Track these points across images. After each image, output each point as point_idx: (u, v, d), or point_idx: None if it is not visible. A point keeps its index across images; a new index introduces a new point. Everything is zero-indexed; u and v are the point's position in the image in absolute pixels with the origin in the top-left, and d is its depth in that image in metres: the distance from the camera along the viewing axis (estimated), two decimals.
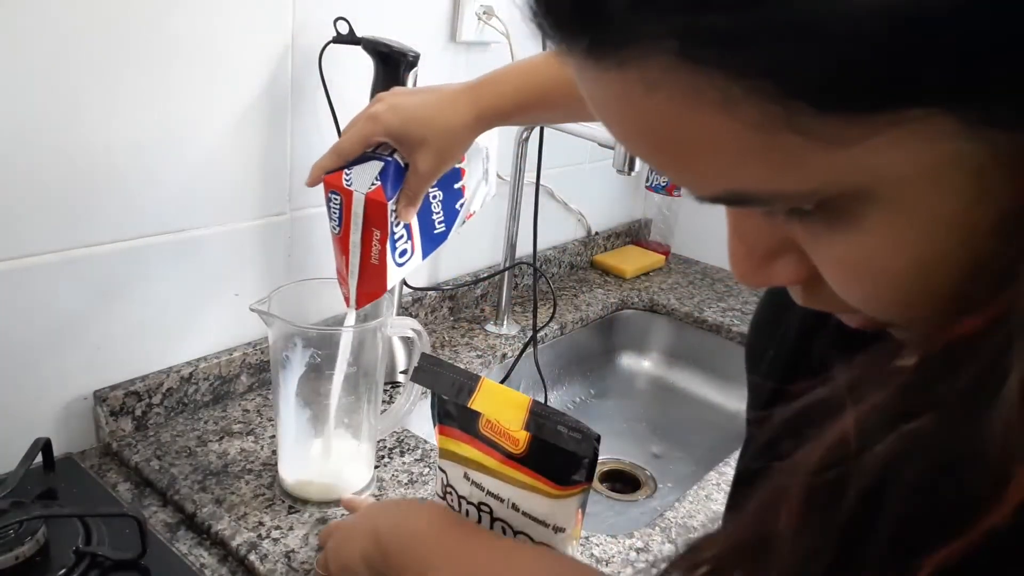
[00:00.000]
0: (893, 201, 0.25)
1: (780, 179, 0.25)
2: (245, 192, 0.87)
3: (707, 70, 0.23)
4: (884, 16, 0.21)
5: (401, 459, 0.84)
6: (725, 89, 0.23)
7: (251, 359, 0.91)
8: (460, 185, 0.78)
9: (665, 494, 1.11)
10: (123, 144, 0.75)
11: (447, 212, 0.77)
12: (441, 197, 0.76)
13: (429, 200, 0.75)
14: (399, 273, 0.73)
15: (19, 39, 0.65)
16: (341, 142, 0.71)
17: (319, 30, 0.86)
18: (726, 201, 0.27)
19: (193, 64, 0.77)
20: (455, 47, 1.06)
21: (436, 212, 0.76)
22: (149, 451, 0.79)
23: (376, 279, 0.71)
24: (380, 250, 0.70)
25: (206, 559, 0.68)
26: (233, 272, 0.89)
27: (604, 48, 0.24)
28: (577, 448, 0.53)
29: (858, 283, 0.28)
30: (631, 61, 0.24)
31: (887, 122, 0.23)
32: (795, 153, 0.24)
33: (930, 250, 0.26)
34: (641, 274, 1.48)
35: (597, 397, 1.32)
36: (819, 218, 0.27)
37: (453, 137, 0.69)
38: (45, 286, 0.73)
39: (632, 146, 0.28)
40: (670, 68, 0.23)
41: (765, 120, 0.23)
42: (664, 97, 0.24)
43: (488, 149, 0.81)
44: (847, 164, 0.24)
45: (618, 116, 0.27)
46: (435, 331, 1.15)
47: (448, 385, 0.58)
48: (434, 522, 0.57)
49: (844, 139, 0.23)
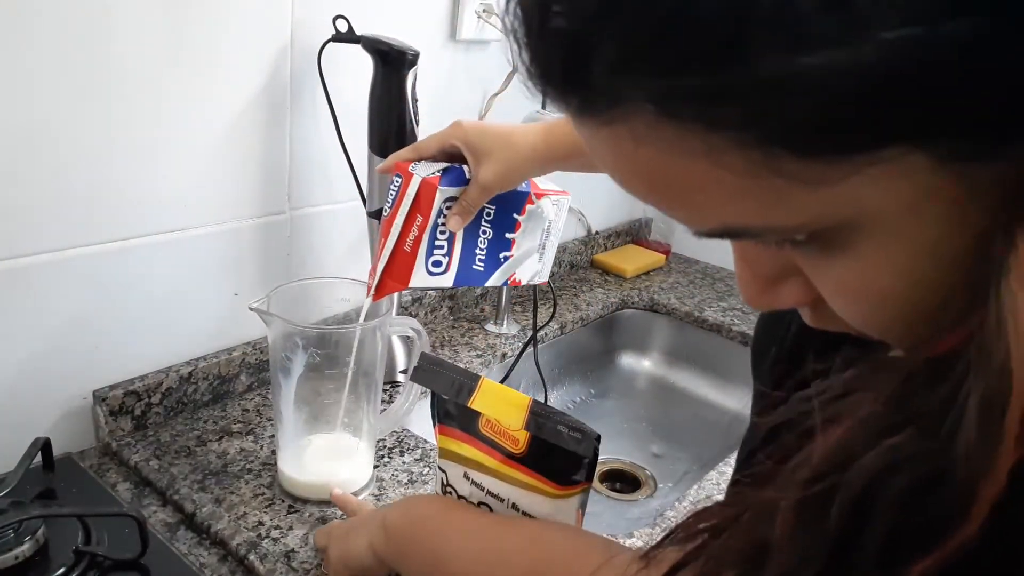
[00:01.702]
0: (880, 230, 0.26)
1: (769, 215, 0.27)
2: (244, 191, 0.87)
3: (688, 124, 0.24)
4: (850, 71, 0.22)
5: (401, 459, 0.84)
6: (707, 140, 0.24)
7: (250, 359, 0.91)
8: (511, 237, 0.77)
9: (665, 494, 1.11)
10: (122, 143, 0.74)
11: (490, 256, 0.76)
12: (490, 236, 0.75)
13: (478, 233, 0.75)
14: (424, 280, 0.72)
15: (19, 39, 0.65)
16: (421, 140, 0.75)
17: (318, 28, 0.86)
18: (720, 235, 0.29)
19: (192, 62, 0.77)
20: (455, 45, 1.06)
21: (480, 249, 0.75)
22: (148, 451, 0.79)
23: (402, 269, 0.71)
24: (416, 238, 0.70)
25: (206, 559, 0.67)
26: (232, 272, 0.88)
27: (592, 108, 0.27)
28: (577, 448, 0.53)
29: (857, 305, 0.29)
30: (618, 119, 0.26)
31: (864, 162, 0.24)
32: (781, 193, 0.25)
33: (922, 272, 0.27)
34: (641, 273, 1.48)
35: (597, 397, 1.32)
36: (813, 247, 0.28)
37: (520, 156, 0.72)
38: (44, 286, 0.73)
39: (628, 188, 0.29)
40: (653, 124, 0.25)
41: (749, 166, 0.25)
42: (652, 149, 0.26)
43: (552, 225, 0.80)
44: (831, 201, 0.25)
45: (613, 164, 0.29)
46: (435, 330, 1.15)
47: (448, 385, 0.58)
48: (440, 506, 0.58)
49: (826, 179, 0.25)
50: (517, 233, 0.77)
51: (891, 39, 0.22)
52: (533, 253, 0.79)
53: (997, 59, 0.22)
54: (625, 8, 0.24)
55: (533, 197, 0.77)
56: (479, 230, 0.75)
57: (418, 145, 0.75)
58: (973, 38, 0.22)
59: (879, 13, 0.22)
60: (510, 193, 0.75)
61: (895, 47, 0.22)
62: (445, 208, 0.71)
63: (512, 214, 0.76)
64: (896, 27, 0.22)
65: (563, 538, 0.53)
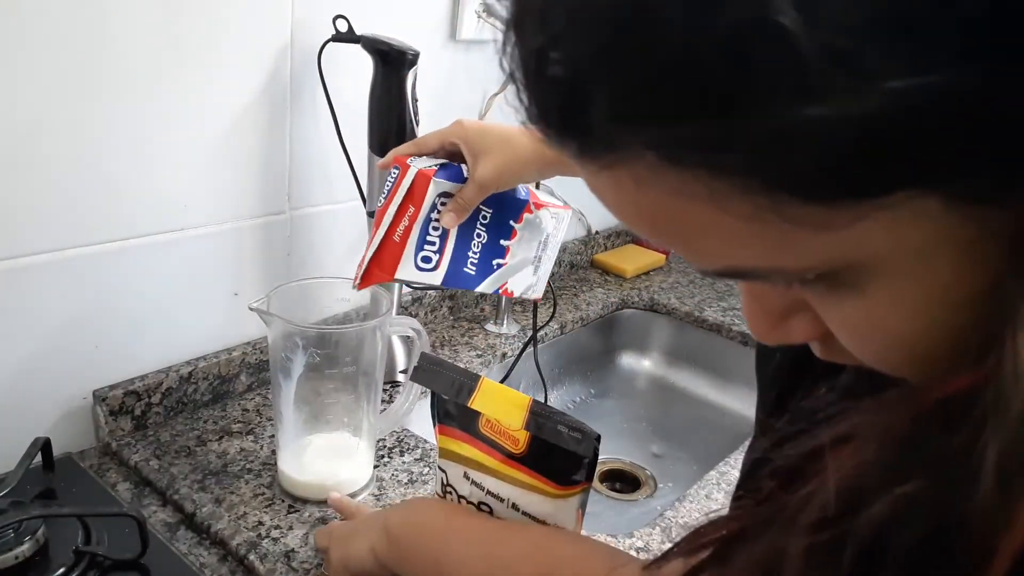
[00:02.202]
0: (890, 272, 0.26)
1: (776, 258, 0.26)
2: (244, 191, 0.87)
3: (691, 170, 0.24)
4: (856, 120, 0.22)
5: (401, 458, 0.84)
6: (710, 185, 0.24)
7: (250, 358, 0.91)
8: (506, 244, 0.76)
9: (665, 494, 1.11)
10: (122, 143, 0.74)
11: (482, 260, 0.75)
12: (484, 240, 0.75)
13: (472, 235, 0.74)
14: (412, 274, 0.72)
15: (19, 39, 0.65)
16: (422, 136, 0.76)
17: (318, 28, 0.86)
18: (727, 276, 0.29)
19: (192, 62, 0.77)
20: (455, 45, 1.06)
21: (473, 252, 0.74)
22: (148, 451, 0.79)
23: (389, 259, 0.71)
24: (407, 228, 0.70)
25: (206, 559, 0.67)
26: (232, 271, 0.88)
27: (592, 152, 0.26)
28: (577, 448, 0.53)
29: (866, 344, 0.29)
30: (618, 163, 0.26)
31: (872, 207, 0.24)
32: (788, 237, 0.25)
33: (932, 315, 0.27)
34: (641, 273, 1.48)
35: (597, 397, 1.32)
36: (822, 285, 0.28)
37: (519, 157, 0.71)
38: (44, 286, 0.73)
39: (632, 228, 0.29)
40: (655, 169, 0.25)
41: (754, 210, 0.24)
42: (654, 193, 0.26)
43: (549, 238, 0.79)
44: (839, 245, 0.25)
45: (615, 206, 0.29)
46: (435, 330, 1.15)
47: (448, 384, 0.58)
48: (443, 510, 0.58)
49: (834, 224, 0.24)
50: (513, 241, 0.76)
51: (899, 88, 0.21)
52: (528, 265, 0.78)
53: (1008, 103, 0.22)
54: (622, 56, 0.23)
55: (532, 206, 0.77)
56: (474, 232, 0.74)
57: (419, 141, 0.75)
58: (983, 84, 0.21)
59: (887, 63, 0.21)
60: (509, 199, 0.75)
61: (903, 96, 0.21)
62: (440, 204, 0.71)
63: (509, 220, 0.76)
64: (904, 76, 0.21)
65: (567, 545, 0.53)
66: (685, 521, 0.78)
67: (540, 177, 0.75)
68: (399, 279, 0.71)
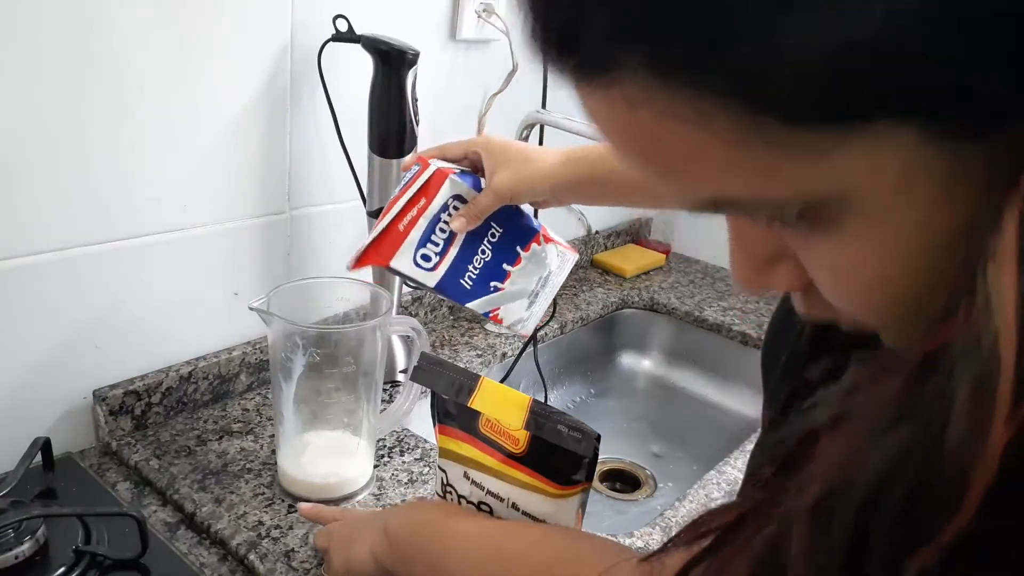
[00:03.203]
0: (868, 208, 0.26)
1: (759, 187, 0.27)
2: (244, 191, 0.87)
3: (679, 90, 0.25)
4: (836, 40, 0.22)
5: (401, 458, 0.84)
6: (697, 106, 0.25)
7: (250, 358, 0.91)
8: (508, 269, 0.76)
9: (665, 494, 1.11)
10: (122, 143, 0.74)
11: (481, 278, 0.74)
12: (488, 258, 0.74)
13: (477, 250, 0.74)
14: (408, 267, 0.71)
15: (19, 39, 0.65)
16: (447, 143, 0.78)
17: (318, 28, 0.86)
18: (711, 208, 0.29)
19: (192, 62, 0.77)
20: (455, 45, 1.06)
21: (474, 267, 0.74)
22: (148, 450, 0.79)
23: (388, 245, 0.70)
24: (413, 220, 0.70)
25: (206, 558, 0.67)
26: (232, 271, 0.88)
27: (588, 71, 0.27)
28: (577, 448, 0.53)
29: (846, 287, 0.29)
30: (613, 83, 0.26)
31: (852, 134, 0.24)
32: (770, 163, 0.26)
33: (911, 255, 0.27)
34: (641, 273, 1.48)
35: (597, 396, 1.32)
36: (803, 225, 0.28)
37: (536, 171, 0.73)
38: (44, 286, 0.73)
39: (624, 156, 0.30)
40: (646, 88, 0.25)
41: (738, 133, 0.25)
42: (646, 113, 0.26)
43: (551, 276, 0.78)
44: (819, 174, 0.25)
45: (609, 129, 0.29)
46: (435, 330, 1.15)
47: (448, 384, 0.58)
48: (442, 511, 0.58)
49: (814, 150, 0.25)
50: (515, 268, 0.76)
51: (880, 9, 0.21)
52: (524, 297, 0.77)
53: (994, 36, 0.22)
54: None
55: (542, 238, 0.77)
56: (479, 247, 0.74)
57: (444, 146, 0.77)
58: (970, 15, 0.21)
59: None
60: (521, 223, 0.75)
61: (885, 18, 0.21)
62: (453, 207, 0.71)
63: (517, 246, 0.76)
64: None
65: (567, 542, 0.53)
66: (685, 521, 0.78)
67: (554, 197, 0.76)
68: (393, 267, 0.71)
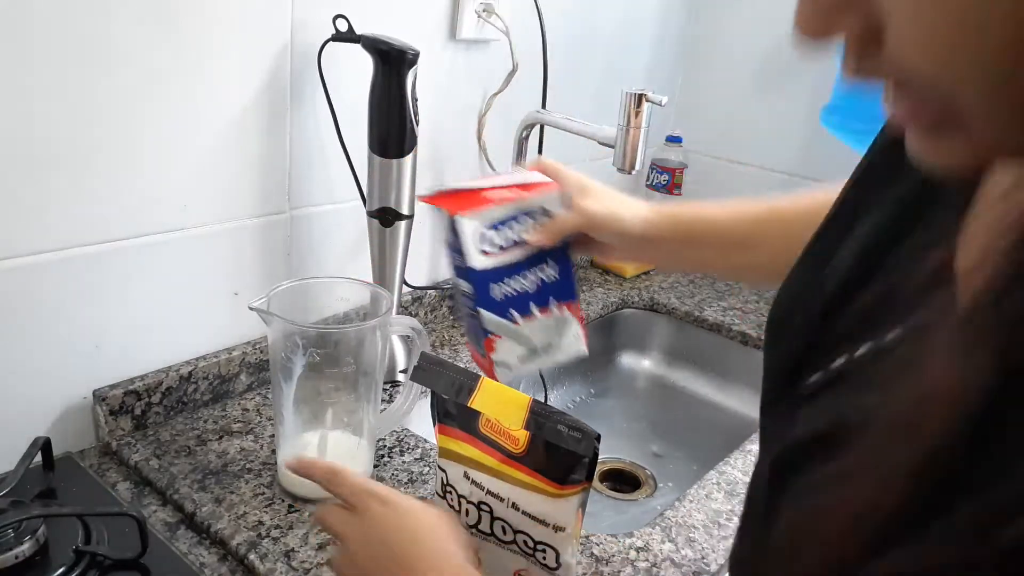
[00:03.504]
0: None
1: None
2: (244, 191, 0.87)
3: None
4: None
5: (401, 458, 0.84)
6: None
7: (250, 358, 0.91)
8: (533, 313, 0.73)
9: (665, 494, 1.11)
10: (122, 143, 0.74)
11: (508, 300, 0.72)
12: (527, 291, 0.72)
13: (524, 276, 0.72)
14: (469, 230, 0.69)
15: (19, 38, 0.65)
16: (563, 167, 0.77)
17: (318, 28, 0.86)
18: None
19: (192, 62, 0.77)
20: (455, 45, 1.06)
21: (511, 286, 0.71)
22: (148, 450, 0.79)
23: (468, 202, 0.70)
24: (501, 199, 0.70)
25: (206, 558, 0.67)
26: (232, 271, 0.88)
27: None
28: (577, 447, 0.53)
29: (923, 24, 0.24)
30: None
31: None
32: None
33: None
34: (641, 273, 1.48)
35: (597, 396, 1.32)
36: None
37: (624, 202, 0.73)
38: (45, 286, 0.73)
39: None
40: None
41: None
42: None
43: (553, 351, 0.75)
44: None
45: None
46: (435, 330, 1.15)
47: (448, 384, 0.58)
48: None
49: None
50: (539, 316, 0.73)
51: None
52: (524, 348, 0.73)
53: None
54: None
55: (579, 309, 0.76)
56: (528, 274, 0.72)
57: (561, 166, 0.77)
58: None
59: None
60: (568, 280, 0.74)
61: None
62: (537, 215, 0.71)
63: (553, 297, 0.74)
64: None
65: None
66: (685, 521, 0.78)
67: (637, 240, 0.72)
68: (456, 224, 0.69)
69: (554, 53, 1.15)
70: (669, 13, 1.47)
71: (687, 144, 1.53)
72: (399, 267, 0.94)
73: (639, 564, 0.71)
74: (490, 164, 1.18)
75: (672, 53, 1.53)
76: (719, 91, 1.54)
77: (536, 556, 0.58)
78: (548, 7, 1.12)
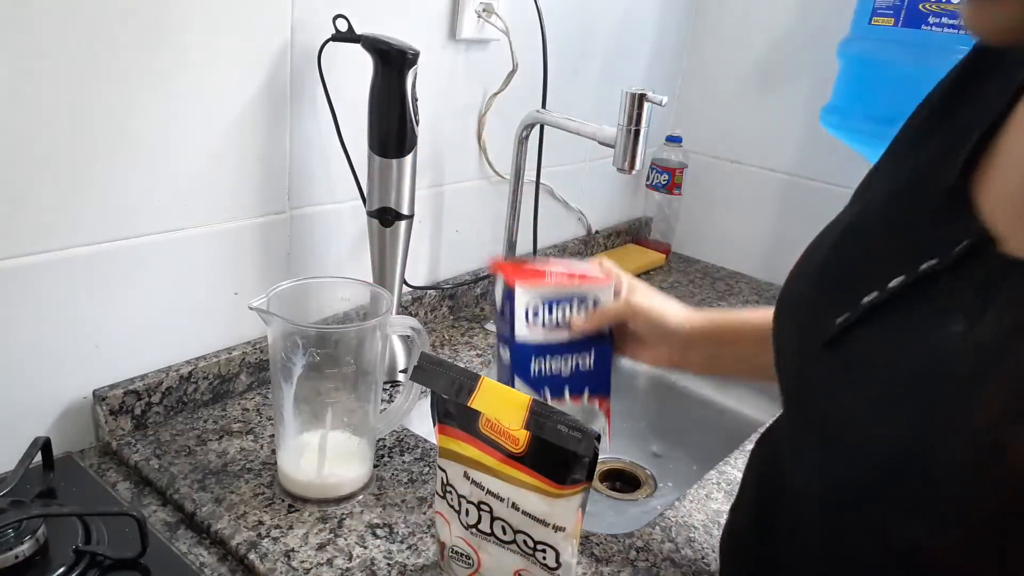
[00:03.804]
0: None
1: None
2: (244, 191, 0.87)
3: None
4: None
5: (401, 458, 0.84)
6: None
7: (250, 358, 0.91)
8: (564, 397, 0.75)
9: (665, 494, 1.11)
10: (122, 143, 0.74)
11: (543, 378, 0.74)
12: (561, 373, 0.75)
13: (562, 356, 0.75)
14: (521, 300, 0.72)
15: (19, 38, 0.65)
16: None
17: (318, 28, 0.86)
18: None
19: (191, 62, 0.77)
20: (455, 45, 1.06)
21: (549, 364, 0.74)
22: (148, 450, 0.79)
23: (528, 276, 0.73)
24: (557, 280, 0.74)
25: (206, 558, 0.67)
26: (232, 271, 0.88)
27: None
28: (577, 447, 0.53)
29: None
30: None
31: None
32: None
33: None
34: (641, 273, 1.48)
35: None
36: None
37: (666, 303, 0.78)
38: (44, 285, 0.73)
39: None
40: None
41: None
42: None
43: None
44: None
45: None
46: (435, 330, 1.15)
47: (448, 384, 0.58)
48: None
49: None
50: (568, 402, 0.76)
51: None
52: None
53: None
54: None
55: (608, 406, 0.78)
56: (568, 357, 0.75)
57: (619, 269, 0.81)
58: None
59: None
60: (605, 375, 0.77)
61: None
62: (588, 304, 0.75)
63: (588, 388, 0.77)
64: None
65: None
66: (685, 521, 0.78)
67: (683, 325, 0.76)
68: (511, 292, 0.72)
69: (554, 53, 1.15)
70: (669, 13, 1.47)
71: (687, 144, 1.53)
72: (399, 267, 0.94)
73: (639, 564, 0.71)
74: (490, 164, 1.18)
75: (672, 53, 1.53)
76: (719, 91, 1.54)
77: (536, 556, 0.58)
78: (548, 7, 1.12)
